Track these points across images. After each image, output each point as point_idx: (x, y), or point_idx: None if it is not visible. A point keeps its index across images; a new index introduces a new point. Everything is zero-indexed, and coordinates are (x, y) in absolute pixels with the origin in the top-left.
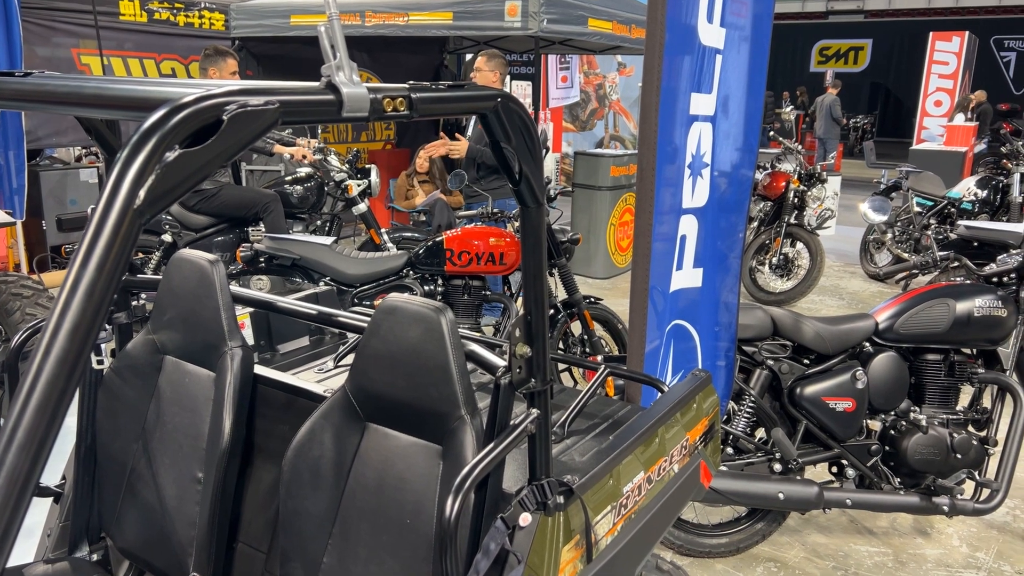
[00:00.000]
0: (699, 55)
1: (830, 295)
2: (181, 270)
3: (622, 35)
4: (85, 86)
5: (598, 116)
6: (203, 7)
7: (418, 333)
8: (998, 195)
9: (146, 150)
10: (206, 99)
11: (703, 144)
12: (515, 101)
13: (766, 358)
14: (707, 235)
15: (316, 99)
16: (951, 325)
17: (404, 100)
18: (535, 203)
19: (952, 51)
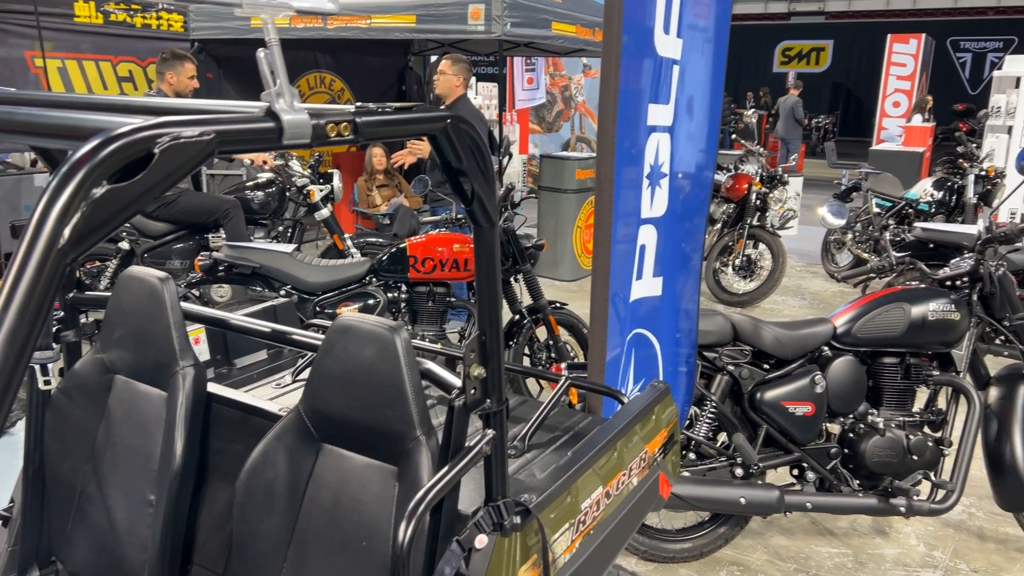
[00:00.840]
0: (656, 66)
1: (792, 295)
2: (130, 288)
3: (586, 38)
4: (15, 114)
5: (564, 118)
6: (161, 8)
7: (372, 352)
8: (953, 196)
9: (71, 186)
10: (136, 131)
11: (661, 154)
12: (465, 122)
13: (727, 364)
14: (666, 244)
15: (254, 127)
16: (907, 329)
17: (348, 125)
18: (488, 223)
19: (909, 53)
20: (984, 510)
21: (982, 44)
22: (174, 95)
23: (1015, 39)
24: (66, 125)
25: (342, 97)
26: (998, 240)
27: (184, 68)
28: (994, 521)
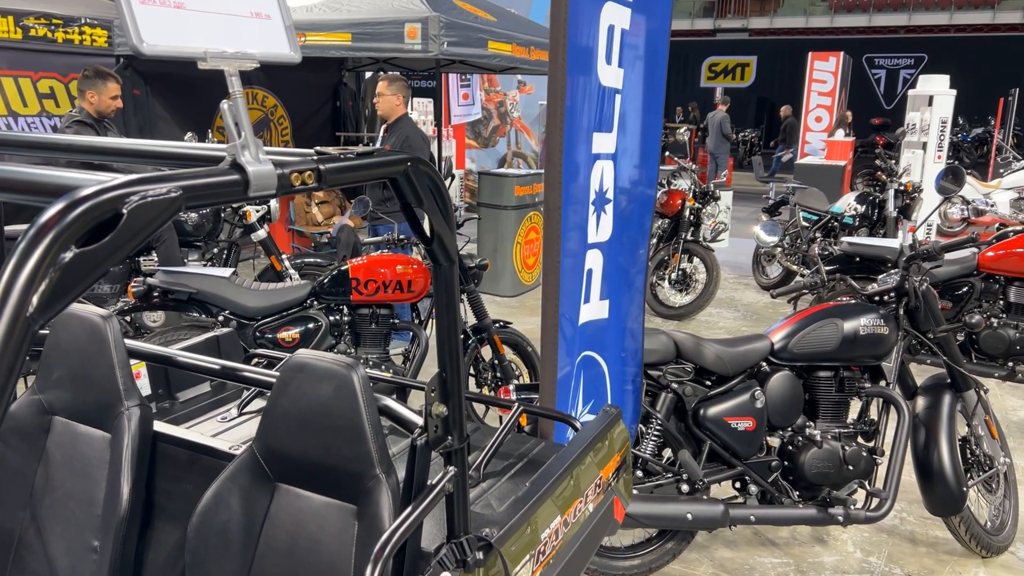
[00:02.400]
0: (599, 96)
1: (726, 307)
2: (69, 326)
3: (521, 57)
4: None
5: (500, 133)
6: (83, 23)
7: (329, 391)
8: (875, 210)
9: (39, 252)
10: (103, 192)
11: (605, 180)
12: (424, 163)
13: (671, 382)
14: (612, 267)
15: (221, 180)
16: (840, 344)
17: (312, 173)
18: (448, 261)
19: (829, 70)
20: (914, 515)
21: (895, 61)
22: (96, 114)
23: (925, 56)
24: (28, 182)
25: (275, 114)
26: (921, 257)
27: (107, 87)
28: (924, 525)
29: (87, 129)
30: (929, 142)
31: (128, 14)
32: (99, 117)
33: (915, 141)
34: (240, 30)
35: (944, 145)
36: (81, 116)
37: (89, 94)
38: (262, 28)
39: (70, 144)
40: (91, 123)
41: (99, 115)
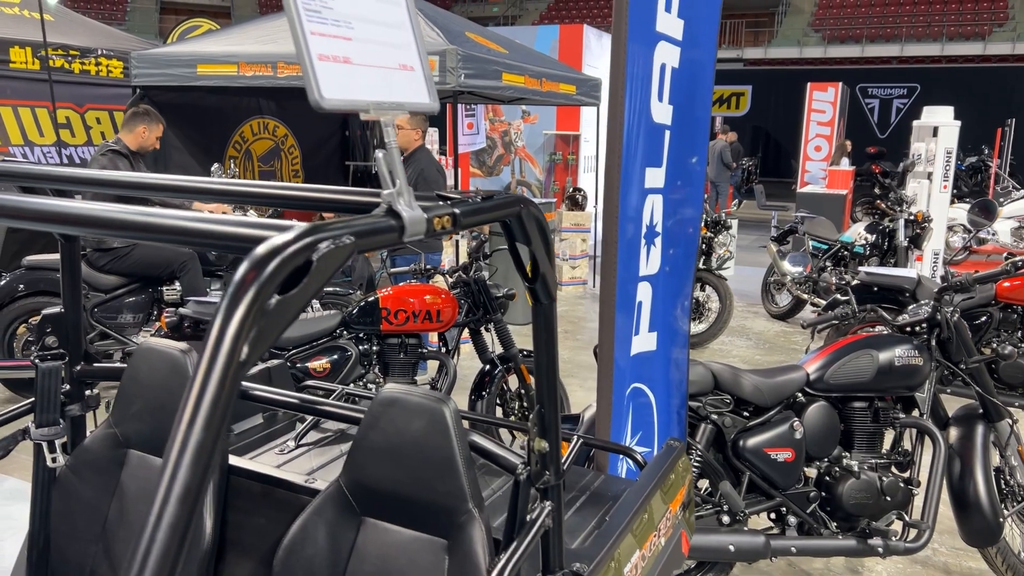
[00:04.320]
0: (651, 132)
1: (738, 336)
2: (149, 360)
3: (533, 88)
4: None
5: (504, 162)
6: (100, 54)
7: (421, 425)
8: (885, 239)
9: (246, 303)
10: (296, 242)
11: (655, 214)
12: (534, 205)
13: (710, 412)
14: (660, 300)
15: (382, 226)
16: (875, 375)
17: (450, 218)
18: (548, 299)
19: (828, 100)
20: (947, 545)
21: (888, 91)
22: (136, 148)
23: (918, 86)
24: (222, 232)
25: (286, 143)
26: (954, 288)
27: (157, 128)
28: (957, 556)
29: (122, 159)
30: (935, 172)
31: (310, 70)
32: (138, 151)
33: (920, 171)
34: (392, 82)
35: (950, 175)
36: (119, 147)
37: (141, 128)
38: (408, 79)
39: (224, 189)
40: (126, 154)
41: (139, 148)
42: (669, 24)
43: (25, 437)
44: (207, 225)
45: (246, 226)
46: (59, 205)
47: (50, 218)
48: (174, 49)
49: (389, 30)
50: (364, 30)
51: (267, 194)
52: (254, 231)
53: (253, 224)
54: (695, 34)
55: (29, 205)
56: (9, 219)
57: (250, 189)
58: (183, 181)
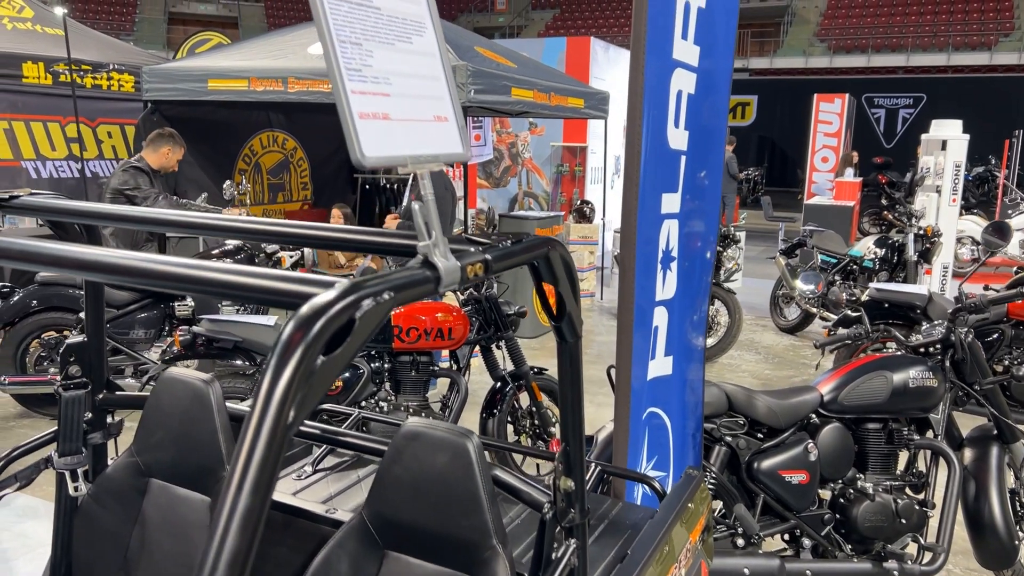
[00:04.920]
0: (667, 158)
1: (747, 350)
2: (172, 390)
3: (542, 102)
4: (193, 270)
5: (511, 173)
6: (112, 69)
7: (445, 460)
8: (895, 254)
9: (292, 364)
10: (339, 301)
11: (671, 239)
12: (561, 246)
13: (724, 435)
14: (675, 324)
15: (419, 279)
16: (890, 396)
17: (483, 265)
18: (574, 337)
19: (835, 112)
20: (962, 567)
21: (894, 101)
22: (158, 167)
23: (924, 96)
24: (264, 287)
25: (295, 156)
26: (968, 309)
27: (180, 151)
28: None
29: (143, 176)
30: (944, 185)
31: (352, 129)
32: (158, 170)
33: (929, 184)
34: (427, 134)
35: (959, 188)
36: (141, 164)
37: (166, 149)
38: (442, 130)
39: (285, 231)
40: (147, 171)
41: (160, 168)
42: (685, 51)
43: (48, 466)
44: (249, 279)
45: (288, 281)
46: (100, 254)
47: (90, 267)
48: (185, 64)
49: (425, 82)
50: (402, 85)
51: (305, 235)
52: (297, 287)
53: (296, 279)
54: (711, 59)
55: (72, 254)
56: (47, 267)
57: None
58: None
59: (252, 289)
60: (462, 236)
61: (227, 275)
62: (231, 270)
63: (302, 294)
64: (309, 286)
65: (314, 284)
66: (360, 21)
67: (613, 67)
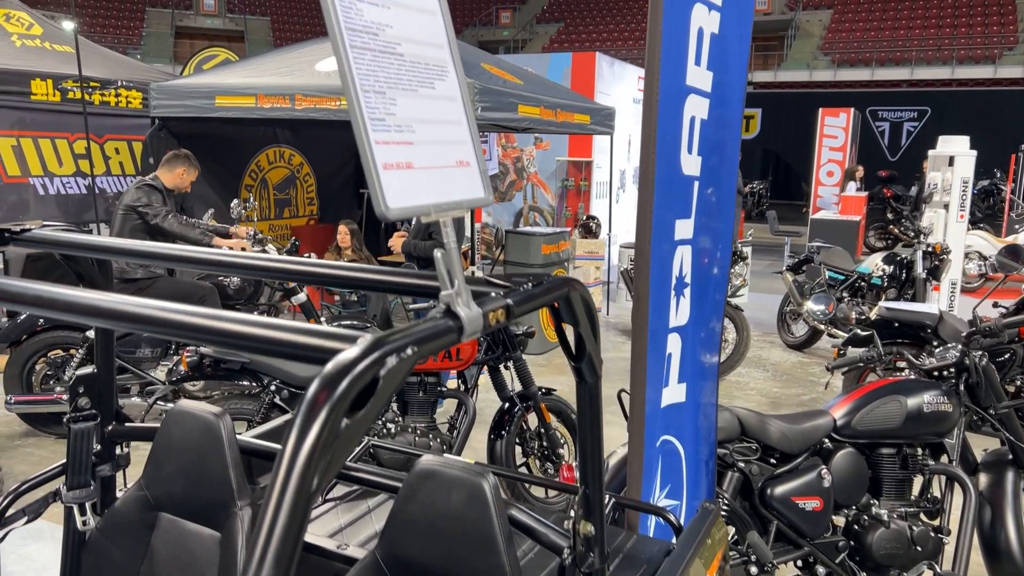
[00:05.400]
0: (681, 185)
1: (755, 367)
2: (182, 423)
3: (548, 119)
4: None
5: (517, 188)
6: (120, 85)
7: (460, 500)
8: (903, 271)
9: (316, 429)
10: (364, 358)
11: (684, 265)
12: (581, 286)
13: (737, 460)
14: (688, 350)
15: (442, 330)
16: (904, 421)
17: (504, 310)
18: (594, 377)
19: (840, 126)
20: None
21: (898, 114)
22: (172, 186)
23: (928, 110)
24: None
25: (301, 171)
26: (982, 333)
27: (193, 173)
28: None
29: (156, 194)
30: (951, 202)
31: (376, 182)
32: (171, 189)
33: (937, 200)
34: (450, 180)
35: (967, 204)
36: (155, 183)
37: (181, 170)
38: (465, 175)
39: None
40: (161, 190)
41: (173, 187)
42: (699, 77)
43: (56, 499)
44: (271, 332)
45: (311, 335)
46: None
47: (107, 315)
48: (193, 81)
49: (448, 128)
50: (425, 132)
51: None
52: (320, 341)
53: (318, 333)
54: (724, 84)
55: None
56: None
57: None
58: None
59: (273, 342)
60: (482, 279)
61: (247, 327)
62: (251, 321)
63: (325, 349)
64: (332, 340)
65: (337, 339)
66: (384, 69)
67: (618, 82)
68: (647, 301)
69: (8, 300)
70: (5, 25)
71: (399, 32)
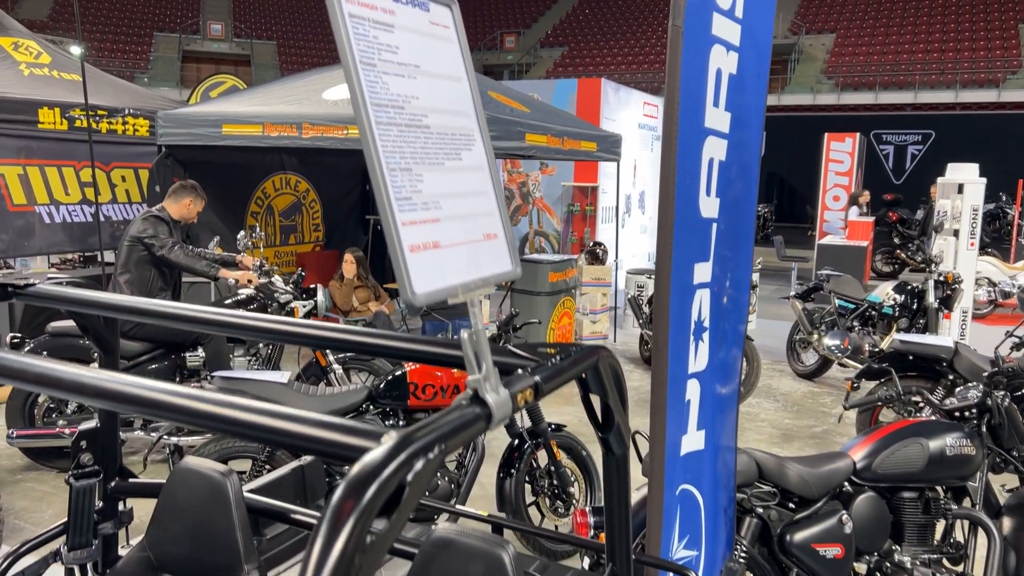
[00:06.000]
0: (699, 227)
1: (766, 397)
2: (188, 481)
3: (555, 147)
4: (229, 409)
5: (522, 212)
6: (127, 114)
7: (478, 572)
8: (915, 300)
9: (344, 535)
10: (391, 460)
11: (703, 309)
12: (608, 353)
13: (755, 505)
14: (707, 396)
15: (470, 419)
16: (927, 464)
17: (532, 390)
18: (622, 449)
19: (846, 151)
20: None
21: (903, 137)
22: (178, 217)
23: (932, 133)
24: (307, 436)
25: (307, 198)
26: (1005, 374)
27: (200, 203)
28: None
29: (163, 225)
30: (961, 229)
31: (403, 265)
32: (177, 220)
33: (947, 228)
34: (478, 256)
35: (977, 232)
36: (162, 214)
37: (187, 201)
38: (492, 248)
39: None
40: (168, 221)
41: (180, 218)
42: (717, 118)
43: (57, 560)
44: (292, 425)
45: (334, 430)
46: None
47: (123, 399)
48: (199, 109)
49: (475, 200)
50: (451, 206)
51: (356, 341)
52: (344, 437)
53: (342, 428)
54: (742, 124)
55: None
56: (85, 399)
57: (339, 335)
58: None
59: (293, 436)
60: (506, 349)
61: (267, 418)
62: (272, 412)
63: (349, 447)
64: (355, 437)
65: (360, 435)
66: (410, 144)
67: (624, 108)
68: (667, 348)
69: (10, 377)
70: (14, 54)
71: (426, 103)
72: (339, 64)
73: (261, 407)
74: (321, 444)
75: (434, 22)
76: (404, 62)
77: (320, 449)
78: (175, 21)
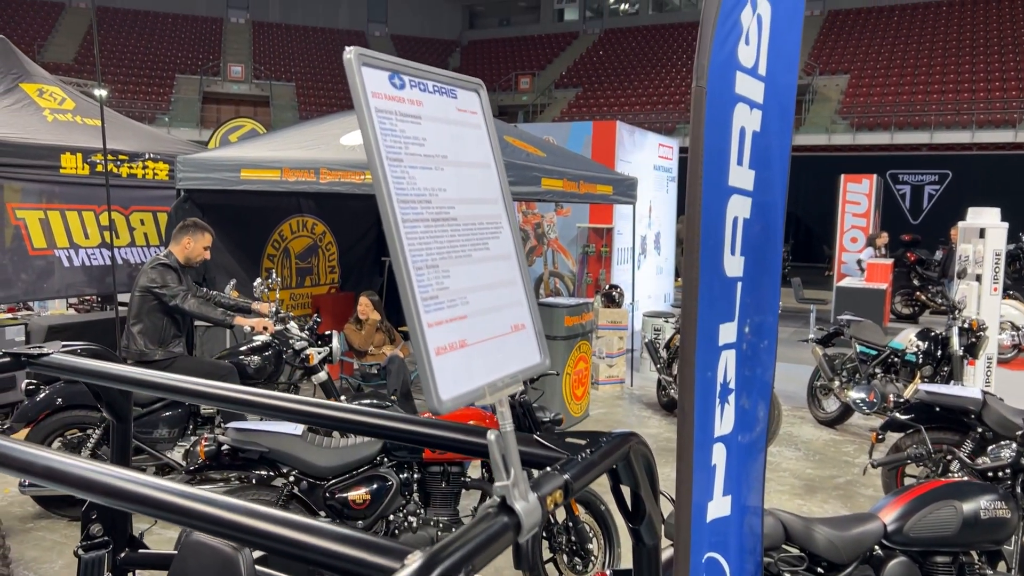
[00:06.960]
0: (724, 287)
1: (787, 445)
2: (199, 555)
3: (571, 191)
4: (250, 518)
5: (537, 253)
6: (147, 158)
7: None
8: (938, 347)
9: None
10: None
11: (728, 371)
12: (639, 441)
13: (782, 571)
14: (733, 461)
15: (497, 532)
16: (960, 528)
17: (562, 490)
18: (653, 540)
19: (863, 192)
20: None
21: (919, 177)
22: (184, 260)
23: (949, 173)
24: (331, 553)
25: (324, 240)
26: None
27: (203, 238)
28: None
29: (171, 273)
30: (984, 274)
31: (429, 373)
32: (185, 263)
33: (969, 273)
34: (505, 350)
35: (999, 277)
36: (169, 260)
37: (186, 240)
38: (520, 340)
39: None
40: (176, 268)
41: (187, 261)
42: (741, 176)
43: None
44: (313, 539)
45: (358, 546)
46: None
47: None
48: (218, 154)
49: (502, 291)
50: (479, 300)
51: (379, 425)
52: (365, 555)
53: (367, 545)
54: (766, 181)
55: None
56: (95, 496)
57: (362, 419)
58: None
59: (314, 551)
60: (533, 439)
61: (287, 530)
62: (294, 523)
63: (372, 566)
64: (380, 555)
65: (386, 553)
66: (436, 239)
67: (638, 150)
68: (692, 414)
69: (17, 470)
70: (38, 100)
71: (453, 194)
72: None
73: (281, 517)
74: (343, 561)
75: (461, 108)
76: (431, 154)
77: (341, 567)
78: (196, 63)
